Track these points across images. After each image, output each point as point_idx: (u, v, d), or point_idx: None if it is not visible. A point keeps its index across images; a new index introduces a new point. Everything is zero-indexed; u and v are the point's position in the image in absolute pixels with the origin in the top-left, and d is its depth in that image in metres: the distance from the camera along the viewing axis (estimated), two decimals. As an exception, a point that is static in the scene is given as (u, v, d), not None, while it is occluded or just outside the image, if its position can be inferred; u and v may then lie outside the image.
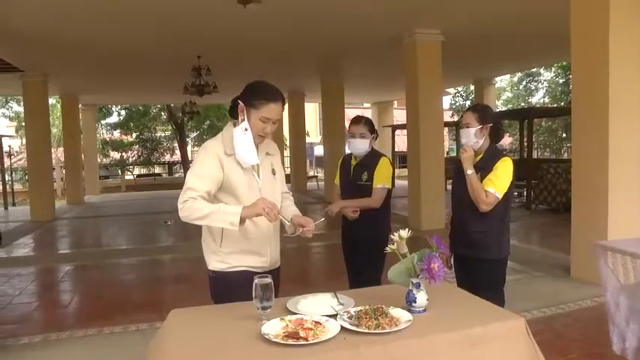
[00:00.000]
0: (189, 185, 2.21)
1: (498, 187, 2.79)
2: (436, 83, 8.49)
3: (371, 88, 16.26)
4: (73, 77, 11.98)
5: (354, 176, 3.32)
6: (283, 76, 12.16)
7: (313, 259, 7.24)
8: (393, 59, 9.91)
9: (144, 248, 8.00)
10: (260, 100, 2.22)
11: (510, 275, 5.47)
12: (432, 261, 1.89)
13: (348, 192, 3.34)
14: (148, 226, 10.42)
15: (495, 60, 11.71)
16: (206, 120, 24.36)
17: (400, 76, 9.43)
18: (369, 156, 3.31)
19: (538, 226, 9.13)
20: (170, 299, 5.13)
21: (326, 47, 9.54)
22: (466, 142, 2.91)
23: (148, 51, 9.27)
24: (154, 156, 25.57)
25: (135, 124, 24.96)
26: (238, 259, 2.33)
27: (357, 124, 3.32)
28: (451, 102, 24.15)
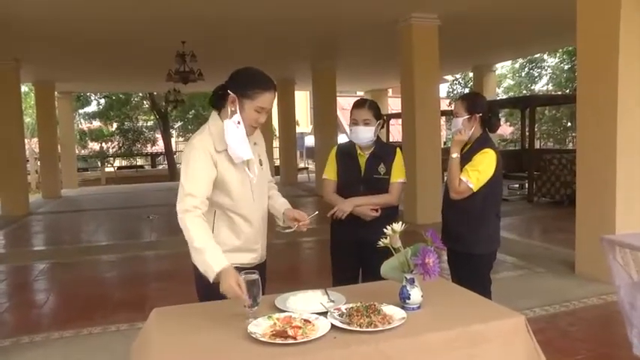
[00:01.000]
0: (187, 191, 2.17)
1: (472, 177, 2.82)
2: (433, 70, 8.49)
3: (364, 76, 16.24)
4: (48, 63, 11.86)
5: (369, 169, 2.98)
6: (273, 62, 12.11)
7: (303, 255, 7.26)
8: (387, 45, 9.89)
9: (125, 244, 7.97)
10: (255, 89, 2.20)
11: (511, 271, 5.49)
12: (426, 256, 1.90)
13: (357, 188, 2.97)
14: (129, 221, 10.38)
15: (495, 45, 11.71)
16: (191, 109, 24.28)
17: (395, 63, 9.42)
18: (383, 146, 3.04)
19: (540, 219, 9.18)
20: (153, 297, 5.12)
21: (317, 31, 9.50)
22: (455, 132, 2.95)
23: (129, 35, 9.19)
24: (136, 147, 25.45)
25: (115, 113, 24.83)
26: (229, 257, 2.32)
27: (360, 108, 2.97)
28: (449, 90, 24.18)
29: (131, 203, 13.05)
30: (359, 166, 3.00)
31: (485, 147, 2.88)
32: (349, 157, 3.04)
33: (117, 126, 25.55)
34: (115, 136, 25.39)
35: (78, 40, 9.35)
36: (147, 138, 25.65)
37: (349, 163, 3.04)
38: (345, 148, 3.09)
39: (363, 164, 3.00)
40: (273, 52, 11.19)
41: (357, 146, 3.02)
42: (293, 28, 9.22)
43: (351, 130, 2.99)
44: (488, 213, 2.93)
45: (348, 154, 3.06)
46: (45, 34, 8.73)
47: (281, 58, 12.06)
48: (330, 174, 3.10)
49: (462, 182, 2.82)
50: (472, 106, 2.92)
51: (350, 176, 3.02)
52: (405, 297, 1.97)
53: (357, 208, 2.93)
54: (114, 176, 23.31)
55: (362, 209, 2.93)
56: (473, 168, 2.82)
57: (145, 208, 11.61)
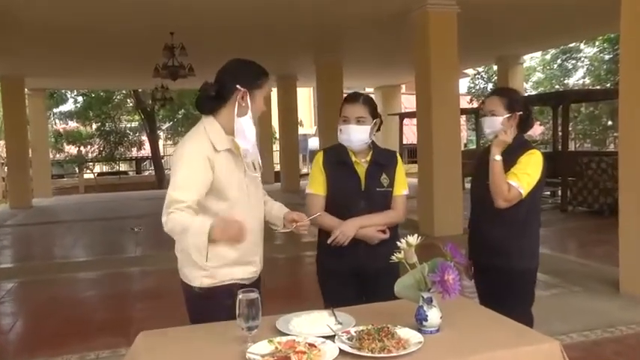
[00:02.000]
0: (174, 197, 2.23)
1: (523, 182, 2.77)
2: (451, 63, 8.50)
3: (374, 70, 16.26)
4: (16, 55, 11.71)
5: (370, 180, 2.80)
6: (272, 55, 12.14)
7: (305, 270, 7.24)
8: (400, 35, 9.92)
9: (106, 259, 7.98)
10: (262, 77, 2.41)
11: (543, 290, 5.43)
12: (446, 272, 1.90)
13: (357, 204, 2.77)
14: (111, 234, 10.40)
15: (523, 34, 11.64)
16: (181, 108, 24.36)
17: (409, 56, 9.43)
18: (383, 152, 2.88)
19: (576, 231, 9.14)
20: (138, 319, 5.12)
21: (321, 21, 9.54)
22: (490, 133, 2.89)
23: (110, 24, 9.22)
24: (119, 151, 25.53)
25: (95, 112, 24.90)
26: (228, 272, 2.38)
27: (353, 103, 2.80)
28: (469, 85, 24.17)
29: (113, 214, 13.07)
30: (358, 177, 2.79)
31: (529, 148, 2.87)
32: (343, 165, 2.82)
33: (97, 127, 25.61)
34: (94, 139, 25.45)
35: (51, 29, 9.32)
36: (131, 141, 25.73)
37: (344, 173, 2.81)
38: (336, 154, 2.85)
39: (363, 174, 2.80)
40: (272, 45, 11.23)
41: (349, 152, 2.82)
42: (294, 18, 9.26)
43: (341, 129, 2.80)
44: (532, 222, 2.91)
45: (341, 162, 2.82)
46: (9, 20, 8.56)
47: (281, 50, 12.10)
48: (316, 187, 2.84)
49: (512, 187, 2.76)
50: (512, 104, 2.87)
51: (347, 190, 2.79)
52: (421, 318, 1.97)
53: (361, 230, 2.73)
54: (93, 184, 23.40)
55: (367, 231, 2.74)
56: (522, 171, 2.78)
57: (128, 220, 11.62)
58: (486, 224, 2.91)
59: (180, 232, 2.21)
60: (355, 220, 2.73)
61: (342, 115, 2.82)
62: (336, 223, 2.74)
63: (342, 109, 2.83)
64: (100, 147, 25.28)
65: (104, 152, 25.29)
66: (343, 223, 2.73)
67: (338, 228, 2.72)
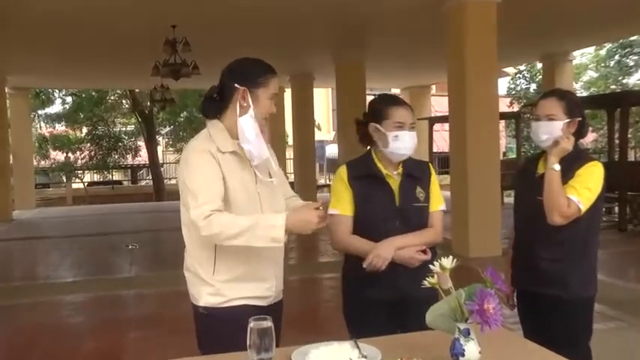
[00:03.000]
0: (204, 198, 2.30)
1: (583, 197, 2.75)
2: (490, 60, 8.49)
3: (401, 69, 16.27)
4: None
5: (405, 195, 2.80)
6: (286, 52, 12.22)
7: (324, 295, 7.23)
8: (431, 29, 9.92)
9: (97, 281, 8.03)
10: (267, 75, 2.45)
11: (599, 323, 5.27)
12: (485, 300, 1.89)
13: (392, 224, 2.76)
14: (102, 251, 10.47)
15: (573, 27, 11.50)
16: (182, 111, 24.55)
17: (441, 52, 9.43)
18: (415, 162, 2.89)
19: (636, 254, 9.05)
20: (132, 350, 5.13)
21: (342, 12, 9.58)
22: (547, 140, 2.86)
23: (104, 16, 9.33)
24: (112, 158, 25.70)
25: (85, 115, 25.11)
26: (237, 289, 2.40)
27: (405, 107, 2.83)
28: (510, 86, 24.08)
29: (105, 229, 13.16)
30: (391, 192, 2.79)
31: (589, 159, 2.85)
32: (375, 179, 2.82)
33: (87, 131, 25.83)
34: (84, 144, 25.64)
35: (36, 20, 9.37)
36: (126, 146, 25.90)
37: (375, 188, 2.81)
38: (363, 167, 2.86)
39: (397, 189, 2.80)
40: (286, 40, 11.30)
41: (379, 164, 2.84)
42: (311, 9, 9.31)
43: (397, 135, 2.76)
44: (591, 243, 2.88)
45: (371, 175, 2.82)
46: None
47: (297, 46, 12.16)
48: (342, 207, 2.81)
49: (572, 202, 2.74)
50: (572, 108, 2.85)
51: (379, 207, 2.78)
52: (457, 353, 1.95)
53: (398, 252, 2.70)
54: (83, 194, 23.63)
55: (406, 252, 2.71)
56: (582, 185, 2.76)
57: (122, 235, 11.70)
58: (537, 246, 2.87)
59: (239, 233, 2.25)
60: (392, 241, 2.71)
61: (392, 120, 2.79)
62: (368, 245, 2.71)
63: (392, 113, 2.80)
64: (90, 153, 25.40)
65: (95, 159, 25.43)
66: (378, 244, 2.70)
67: (373, 250, 2.68)
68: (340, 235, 2.79)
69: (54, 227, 13.80)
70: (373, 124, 2.82)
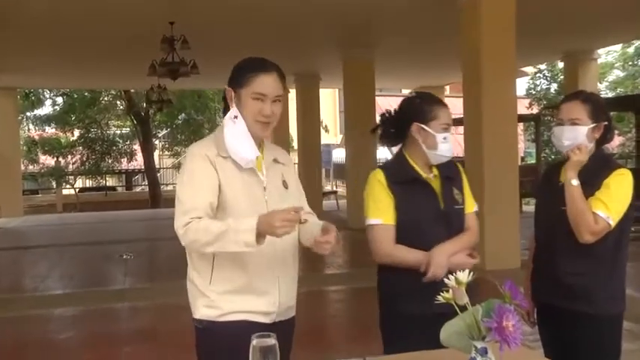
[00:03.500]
0: (186, 207, 2.33)
1: (612, 211, 2.71)
2: (507, 59, 8.47)
3: (412, 68, 16.28)
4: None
5: (447, 198, 2.85)
6: (290, 50, 12.22)
7: (332, 309, 7.24)
8: (445, 24, 9.91)
9: (88, 293, 8.05)
10: (247, 73, 2.42)
11: (627, 342, 5.30)
12: (504, 317, 1.87)
13: (436, 229, 2.79)
14: (95, 262, 10.49)
15: (599, 22, 11.40)
16: (180, 112, 24.64)
17: (455, 50, 9.42)
18: (445, 163, 2.92)
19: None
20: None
21: (350, 7, 9.59)
22: (570, 146, 2.83)
23: (98, 13, 9.36)
24: (106, 162, 25.77)
25: (77, 117, 25.25)
26: (233, 302, 2.39)
27: (447, 107, 2.90)
28: (529, 86, 24.06)
29: (98, 237, 13.19)
30: (435, 196, 2.83)
31: (616, 166, 2.83)
32: (417, 183, 2.84)
33: (79, 134, 25.97)
34: (76, 148, 25.72)
35: (26, 16, 9.38)
36: (120, 150, 25.96)
37: (419, 192, 2.83)
38: (401, 170, 2.87)
39: (439, 191, 2.84)
40: (290, 38, 11.31)
41: (416, 167, 2.87)
42: (317, 5, 9.33)
43: (445, 138, 2.82)
44: (621, 255, 2.85)
45: (412, 179, 2.84)
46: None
47: (301, 45, 12.17)
48: (385, 215, 2.79)
49: (600, 218, 2.70)
50: (597, 111, 2.82)
51: (424, 213, 2.80)
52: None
53: (451, 258, 2.71)
54: (74, 201, 23.64)
55: (459, 258, 2.73)
56: (610, 197, 2.73)
57: (116, 245, 11.72)
58: (560, 258, 2.85)
59: (213, 239, 2.25)
60: (444, 248, 2.72)
61: (440, 121, 2.82)
62: (420, 255, 2.71)
63: (437, 114, 2.83)
64: (82, 157, 25.47)
65: (88, 164, 25.50)
66: (431, 253, 2.70)
67: (428, 261, 2.68)
68: (386, 246, 2.78)
69: (43, 236, 13.84)
70: (418, 124, 2.81)
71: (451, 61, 11.66)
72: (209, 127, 24.88)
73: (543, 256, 2.98)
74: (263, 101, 2.40)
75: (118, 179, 30.04)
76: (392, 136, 2.93)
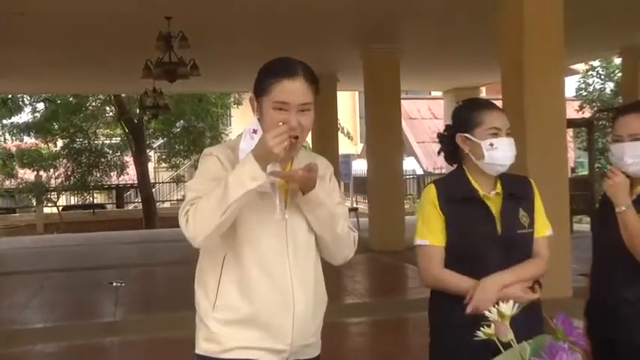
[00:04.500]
0: (189, 198, 2.38)
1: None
2: (554, 55, 8.44)
3: (443, 67, 16.28)
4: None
5: (507, 220, 2.84)
6: (302, 47, 12.09)
7: (353, 344, 7.21)
8: (481, 17, 9.92)
9: (74, 326, 8.04)
10: (268, 79, 2.40)
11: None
12: (557, 356, 1.85)
13: (491, 255, 2.81)
14: (81, 290, 10.50)
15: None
16: (178, 119, 24.77)
17: (493, 45, 9.41)
18: (514, 180, 2.94)
19: None
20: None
21: (372, 0, 9.62)
22: (633, 164, 2.86)
23: (83, 6, 9.41)
24: (93, 176, 25.84)
25: (61, 125, 25.41)
26: (236, 336, 2.37)
27: (498, 110, 2.91)
28: (579, 86, 23.99)
29: (84, 262, 13.21)
30: (492, 217, 2.83)
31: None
32: (472, 202, 2.85)
33: (63, 144, 26.12)
34: (60, 160, 25.89)
35: (1, 12, 9.35)
36: (110, 163, 26.11)
37: (474, 213, 2.84)
38: (457, 187, 2.89)
39: (497, 212, 2.84)
40: (303, 33, 11.35)
41: (474, 183, 2.87)
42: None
43: (492, 143, 2.81)
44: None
45: (467, 198, 2.86)
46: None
47: (315, 39, 12.18)
48: (434, 236, 2.84)
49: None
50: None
51: (479, 237, 2.82)
52: (521, 422, 1.91)
53: (504, 290, 2.71)
54: (57, 221, 23.79)
55: (514, 291, 2.72)
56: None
57: (106, 271, 11.73)
58: (620, 286, 2.87)
59: (216, 201, 2.27)
60: (495, 278, 2.73)
61: (485, 126, 2.83)
62: (467, 283, 2.74)
63: (484, 118, 2.85)
64: (67, 171, 25.62)
65: (73, 178, 25.61)
66: (479, 283, 2.72)
67: (474, 292, 2.70)
68: (433, 269, 2.81)
69: (21, 260, 13.91)
70: (461, 135, 2.84)
71: (488, 58, 11.65)
72: (211, 136, 25.02)
73: (602, 285, 3.00)
74: (285, 111, 2.37)
75: (108, 196, 30.22)
76: (453, 154, 2.94)
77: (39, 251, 15.33)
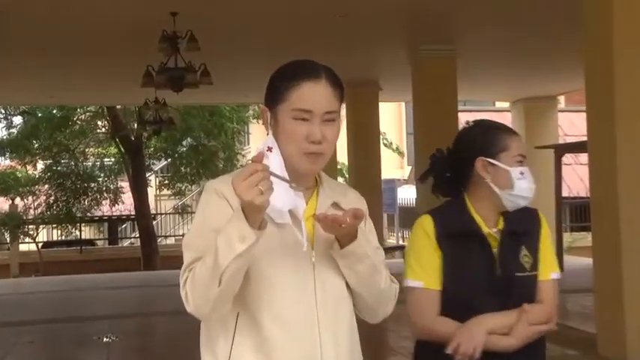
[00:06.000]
0: (190, 260, 2.33)
1: None
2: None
3: (510, 71, 16.21)
4: None
5: (507, 260, 2.98)
6: (336, 50, 12.23)
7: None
8: (559, 8, 9.87)
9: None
10: (286, 82, 2.39)
11: None
12: None
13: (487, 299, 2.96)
14: (66, 347, 10.50)
15: None
16: (185, 136, 24.89)
17: (574, 45, 9.34)
18: (518, 213, 3.06)
19: None
20: None
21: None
22: None
23: (73, 3, 9.55)
24: (81, 205, 25.90)
25: (42, 143, 25.45)
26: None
27: (517, 135, 3.11)
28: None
29: (69, 312, 13.19)
30: (491, 257, 2.99)
31: None
32: (472, 239, 3.01)
33: (45, 166, 26.25)
34: (40, 186, 25.97)
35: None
36: (102, 189, 26.10)
37: (472, 252, 3.01)
38: (457, 220, 3.05)
39: (497, 252, 2.99)
40: (337, 31, 11.36)
41: (476, 216, 3.03)
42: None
43: (523, 173, 2.98)
44: None
45: (468, 233, 3.02)
46: None
47: (352, 39, 12.20)
48: (429, 277, 3.00)
49: None
50: None
51: (475, 279, 2.99)
52: None
53: (491, 336, 2.88)
54: (36, 260, 23.86)
55: (498, 338, 2.91)
56: None
57: (95, 322, 11.77)
58: None
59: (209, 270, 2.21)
60: (482, 321, 2.88)
61: (512, 152, 2.98)
62: (453, 327, 2.89)
63: (507, 142, 2.99)
64: (48, 199, 25.63)
65: (56, 208, 25.57)
66: (466, 324, 2.87)
67: (460, 332, 2.85)
68: (426, 318, 2.97)
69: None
70: (484, 160, 2.94)
71: (567, 61, 11.59)
72: (225, 157, 25.00)
73: None
74: (309, 121, 2.35)
75: (98, 229, 30.36)
76: (449, 183, 3.09)
77: (13, 299, 15.35)
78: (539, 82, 17.67)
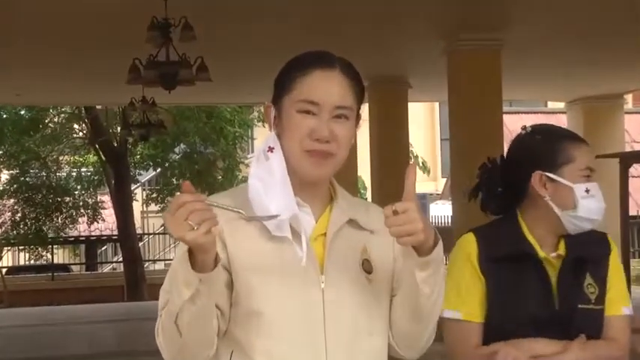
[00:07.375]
0: (162, 304, 2.31)
1: None
2: None
3: (567, 67, 16.18)
4: None
5: (567, 291, 2.98)
6: (359, 41, 12.25)
7: None
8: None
9: None
10: (291, 73, 2.40)
11: None
12: None
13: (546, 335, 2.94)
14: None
15: None
16: (178, 142, 25.05)
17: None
18: (584, 236, 3.04)
19: None
20: None
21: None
22: None
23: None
24: (54, 222, 26.02)
25: (8, 150, 25.58)
26: None
27: (585, 144, 3.09)
28: None
29: (39, 351, 13.27)
30: (549, 288, 2.99)
31: None
32: (523, 263, 3.01)
33: (10, 177, 26.40)
34: (5, 199, 26.10)
35: None
36: (78, 204, 26.30)
37: (526, 279, 3.00)
38: (507, 241, 3.05)
39: (555, 281, 2.99)
40: (359, 19, 11.41)
41: (530, 238, 3.02)
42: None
43: (589, 190, 2.96)
44: None
45: (519, 257, 3.01)
46: None
47: (377, 29, 12.25)
48: (469, 308, 3.03)
49: None
50: None
51: (527, 311, 2.98)
52: None
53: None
54: (1, 289, 23.95)
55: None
56: None
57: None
58: None
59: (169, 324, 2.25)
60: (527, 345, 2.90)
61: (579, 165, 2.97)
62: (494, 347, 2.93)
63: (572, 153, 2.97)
64: (14, 216, 25.78)
65: (23, 226, 25.72)
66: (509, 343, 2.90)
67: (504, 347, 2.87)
68: (466, 354, 3.00)
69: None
70: (542, 174, 2.93)
71: (636, 53, 11.61)
72: (225, 166, 24.99)
73: None
74: (317, 116, 2.33)
75: (74, 252, 30.38)
76: (501, 199, 3.05)
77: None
78: (601, 79, 17.61)
